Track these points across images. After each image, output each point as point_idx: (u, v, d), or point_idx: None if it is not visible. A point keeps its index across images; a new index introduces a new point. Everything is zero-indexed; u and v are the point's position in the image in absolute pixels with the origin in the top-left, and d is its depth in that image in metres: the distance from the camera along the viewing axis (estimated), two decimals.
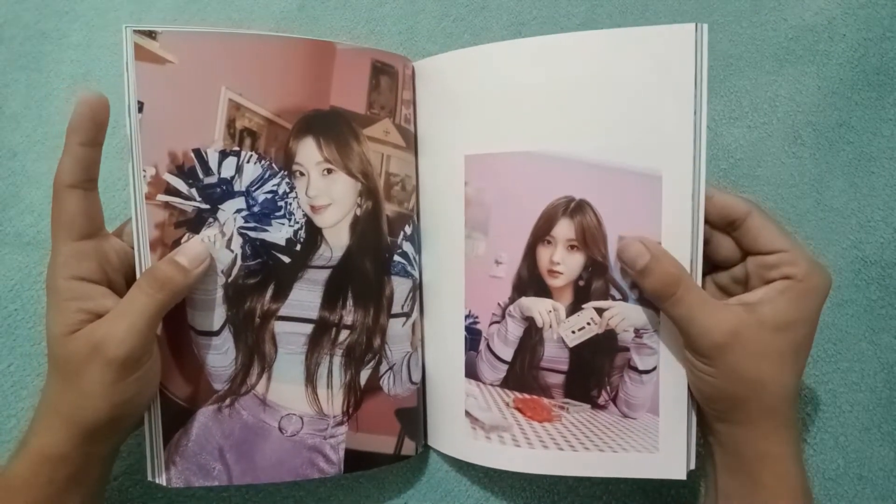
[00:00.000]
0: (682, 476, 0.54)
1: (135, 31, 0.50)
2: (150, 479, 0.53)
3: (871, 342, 0.64)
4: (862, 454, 0.63)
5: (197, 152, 0.53)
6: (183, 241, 0.52)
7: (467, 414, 0.57)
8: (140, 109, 0.51)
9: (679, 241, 0.52)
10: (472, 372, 0.57)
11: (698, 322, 0.49)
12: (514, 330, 0.56)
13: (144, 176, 0.52)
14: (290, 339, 0.55)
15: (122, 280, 0.52)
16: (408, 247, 0.59)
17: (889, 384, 0.64)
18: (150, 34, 0.51)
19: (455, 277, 0.58)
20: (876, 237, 0.65)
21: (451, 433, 0.59)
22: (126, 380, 0.48)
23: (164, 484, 0.53)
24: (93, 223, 0.50)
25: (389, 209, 0.58)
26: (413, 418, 0.60)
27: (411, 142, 0.60)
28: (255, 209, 0.54)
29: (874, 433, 0.63)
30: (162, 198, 0.52)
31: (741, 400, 0.49)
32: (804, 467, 0.51)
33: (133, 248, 0.52)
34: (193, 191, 0.53)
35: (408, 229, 0.59)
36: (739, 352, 0.49)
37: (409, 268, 0.59)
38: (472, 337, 0.57)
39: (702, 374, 0.50)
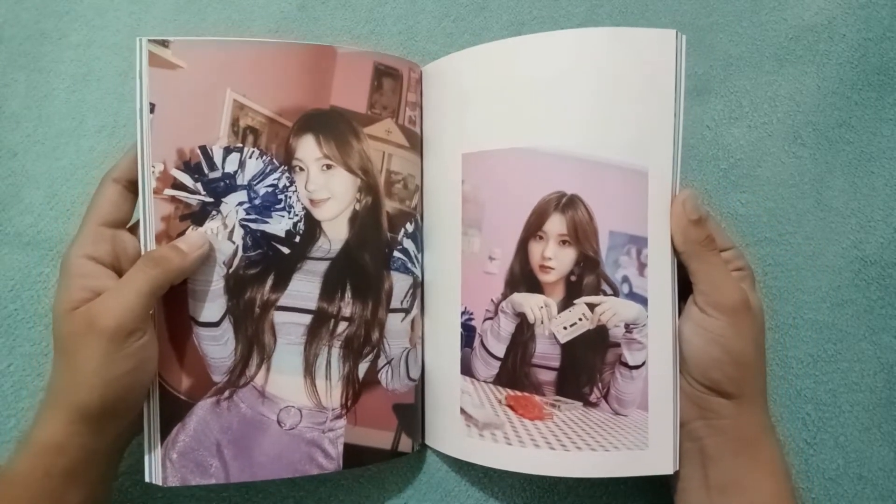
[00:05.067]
0: (670, 470, 0.54)
1: (149, 40, 0.53)
2: (147, 479, 0.53)
3: (871, 342, 0.64)
4: (862, 454, 0.63)
5: (203, 149, 0.55)
6: (187, 233, 0.54)
7: (462, 411, 0.57)
8: (152, 110, 0.54)
9: (662, 233, 0.53)
10: (467, 369, 0.57)
11: (730, 278, 0.53)
12: (507, 326, 0.56)
13: (153, 171, 0.54)
14: (290, 329, 0.56)
15: None
16: (409, 244, 0.60)
17: (889, 384, 0.64)
18: (164, 43, 0.54)
19: (452, 274, 0.58)
20: (876, 237, 0.65)
21: (446, 431, 0.59)
22: (118, 353, 0.48)
23: (161, 484, 0.53)
24: (119, 215, 0.54)
25: (390, 206, 0.58)
26: (410, 415, 0.60)
27: (416, 143, 0.61)
28: (257, 202, 0.55)
29: (874, 433, 0.63)
30: (169, 192, 0.54)
31: (750, 366, 0.52)
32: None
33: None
34: (199, 185, 0.55)
35: (409, 227, 0.60)
36: (752, 317, 0.53)
37: (409, 265, 0.60)
38: (468, 333, 0.57)
39: (715, 335, 0.52)
